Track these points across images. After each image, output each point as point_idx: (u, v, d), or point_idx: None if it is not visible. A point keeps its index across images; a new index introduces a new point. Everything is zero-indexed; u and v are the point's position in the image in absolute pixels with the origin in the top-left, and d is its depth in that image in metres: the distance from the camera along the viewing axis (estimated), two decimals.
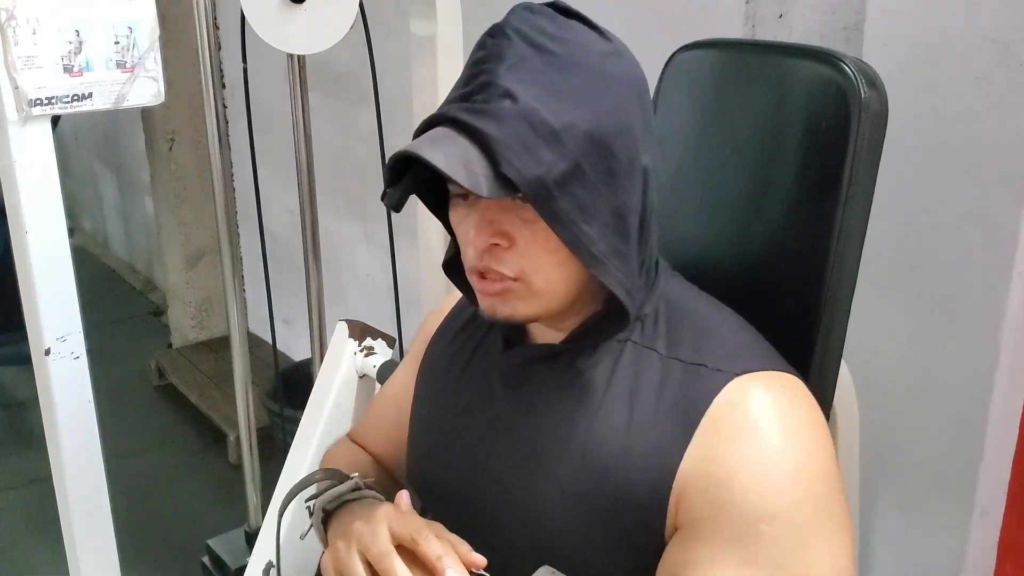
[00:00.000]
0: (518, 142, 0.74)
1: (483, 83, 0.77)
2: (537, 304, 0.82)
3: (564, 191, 0.75)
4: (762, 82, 0.97)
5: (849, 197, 0.89)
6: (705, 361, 0.81)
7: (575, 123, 0.75)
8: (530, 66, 0.76)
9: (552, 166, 0.74)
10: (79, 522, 1.32)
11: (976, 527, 1.34)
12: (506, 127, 0.74)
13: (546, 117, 0.74)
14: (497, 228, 0.80)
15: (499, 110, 0.75)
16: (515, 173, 0.73)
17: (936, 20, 1.25)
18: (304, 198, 1.86)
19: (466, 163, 0.73)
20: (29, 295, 1.23)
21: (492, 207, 0.79)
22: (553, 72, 0.76)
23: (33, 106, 1.16)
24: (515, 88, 0.75)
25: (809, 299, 0.92)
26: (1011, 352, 1.26)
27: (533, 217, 0.77)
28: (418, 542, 0.74)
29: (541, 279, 0.81)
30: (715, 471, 0.75)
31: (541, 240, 0.79)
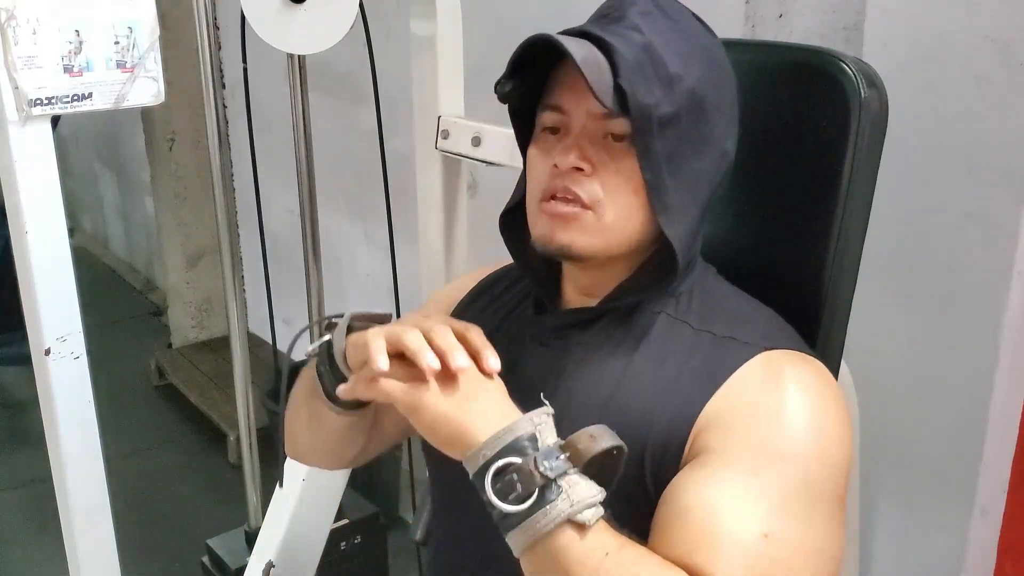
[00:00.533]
0: (638, 67, 0.78)
1: (616, 16, 0.82)
2: (597, 240, 0.83)
3: (662, 132, 0.79)
4: (762, 82, 0.97)
5: (849, 197, 0.89)
6: (736, 335, 0.83)
7: (685, 76, 0.80)
8: (656, 19, 0.82)
9: (660, 103, 0.79)
10: (79, 522, 1.32)
11: (976, 527, 1.34)
12: (632, 51, 0.79)
13: (664, 58, 0.79)
14: (584, 154, 0.82)
15: (629, 36, 0.80)
16: (631, 90, 0.77)
17: (936, 20, 1.25)
18: (304, 198, 1.86)
19: (596, 65, 0.77)
20: (29, 295, 1.23)
21: (584, 137, 0.83)
22: (674, 32, 0.82)
23: (33, 106, 1.16)
24: (644, 27, 0.80)
25: (809, 299, 0.92)
26: (1011, 352, 1.26)
27: (622, 154, 0.81)
28: (469, 331, 0.77)
29: (612, 214, 0.82)
30: (738, 412, 0.77)
31: (624, 177, 0.82)
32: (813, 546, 0.73)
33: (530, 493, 0.68)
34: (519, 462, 0.69)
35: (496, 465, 0.70)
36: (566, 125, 0.84)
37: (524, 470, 0.69)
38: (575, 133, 0.83)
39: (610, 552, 0.68)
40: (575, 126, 0.83)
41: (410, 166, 1.57)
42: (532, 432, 0.71)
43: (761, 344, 0.82)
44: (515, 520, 0.69)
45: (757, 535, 0.71)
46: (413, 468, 2.02)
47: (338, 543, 1.91)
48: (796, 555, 0.72)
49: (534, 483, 0.68)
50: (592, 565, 0.68)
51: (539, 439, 0.70)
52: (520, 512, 0.68)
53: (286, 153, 1.89)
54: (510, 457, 0.70)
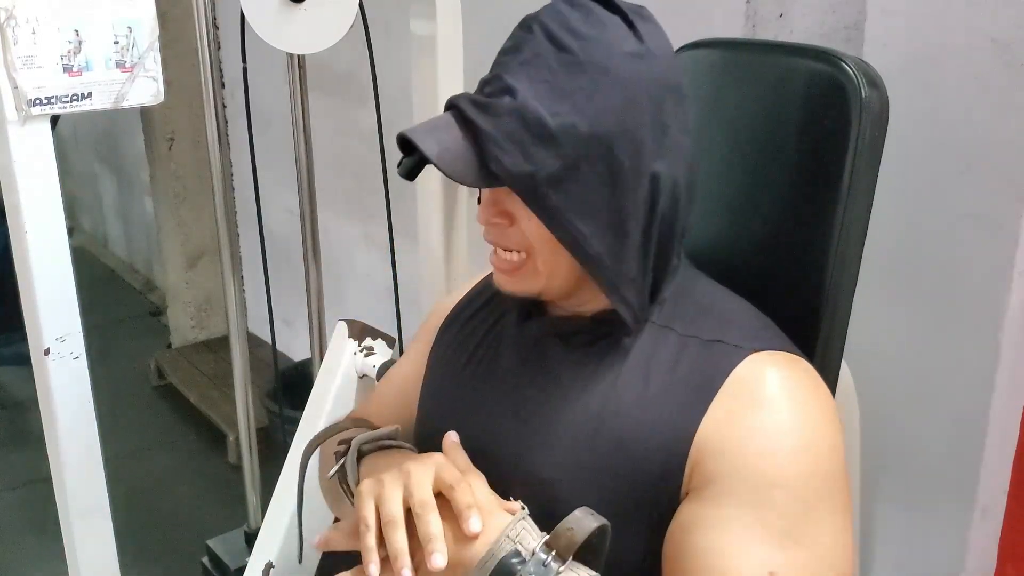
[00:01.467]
0: (508, 139, 0.77)
1: (495, 75, 0.81)
2: (541, 283, 0.85)
3: (557, 188, 0.78)
4: (762, 82, 0.97)
5: (850, 197, 0.89)
6: (723, 338, 0.82)
7: (575, 124, 0.77)
8: (543, 63, 0.78)
9: (543, 164, 0.77)
10: (79, 522, 1.31)
11: (976, 527, 1.34)
12: (499, 123, 0.77)
13: (542, 116, 0.77)
14: (500, 207, 0.84)
15: (497, 105, 0.78)
16: (500, 168, 0.77)
17: (936, 20, 1.25)
18: (304, 198, 1.86)
19: (455, 153, 0.77)
20: (29, 295, 1.23)
21: (500, 189, 0.82)
22: (563, 71, 0.78)
23: (32, 106, 1.16)
24: (519, 84, 0.78)
25: (809, 299, 0.92)
26: (1011, 352, 1.26)
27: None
28: (455, 490, 0.77)
29: (541, 261, 0.84)
30: (730, 437, 0.77)
31: (537, 224, 0.81)
32: (819, 566, 0.74)
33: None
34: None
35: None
36: None
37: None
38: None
39: None
40: None
41: None
42: (514, 548, 0.73)
43: (749, 345, 0.81)
44: None
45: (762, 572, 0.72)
46: None
47: None
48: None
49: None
50: None
51: (522, 551, 0.73)
52: None
53: (286, 153, 1.89)
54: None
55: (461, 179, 0.77)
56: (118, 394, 3.17)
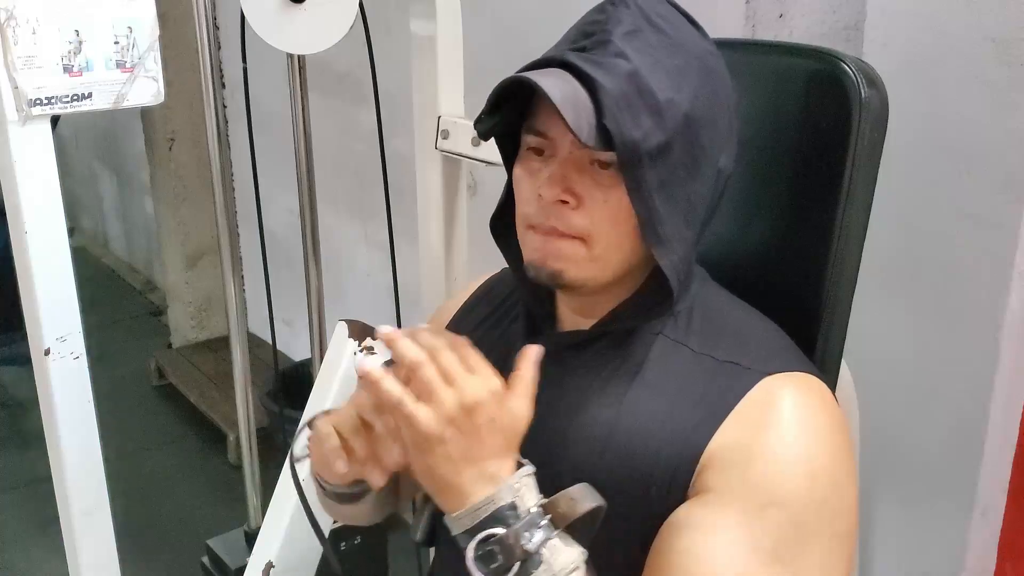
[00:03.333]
0: (624, 100, 0.75)
1: (599, 40, 0.78)
2: (587, 271, 0.82)
3: (653, 163, 0.76)
4: (762, 82, 0.97)
5: (849, 197, 0.89)
6: (738, 360, 0.81)
7: (677, 101, 0.77)
8: (644, 37, 0.78)
9: (649, 135, 0.76)
10: (79, 522, 1.31)
11: (976, 527, 1.34)
12: (617, 83, 0.75)
13: (653, 87, 0.76)
14: (570, 186, 0.79)
15: (614, 66, 0.76)
16: (616, 128, 0.74)
17: (936, 20, 1.25)
18: (304, 198, 1.86)
19: (575, 104, 0.74)
20: (29, 295, 1.23)
21: (570, 165, 0.79)
22: (663, 49, 0.78)
23: (33, 106, 1.16)
24: (629, 52, 0.77)
25: (809, 299, 0.92)
26: (1011, 352, 1.26)
27: (610, 183, 0.78)
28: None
29: (602, 246, 0.80)
30: (735, 455, 0.76)
31: (612, 208, 0.79)
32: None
33: (511, 565, 0.70)
34: (501, 533, 0.71)
35: (478, 536, 0.71)
36: (551, 148, 0.81)
37: (506, 543, 0.70)
38: (560, 159, 0.80)
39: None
40: (560, 152, 0.80)
41: (410, 166, 1.57)
42: (512, 501, 0.72)
43: (763, 369, 0.80)
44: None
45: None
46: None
47: (338, 543, 1.91)
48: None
49: (515, 556, 0.70)
50: None
51: (519, 506, 0.72)
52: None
53: (286, 153, 1.89)
54: (492, 528, 0.71)
55: (578, 131, 0.73)
56: (118, 394, 3.18)
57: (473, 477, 0.73)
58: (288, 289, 2.70)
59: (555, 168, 0.80)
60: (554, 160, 0.80)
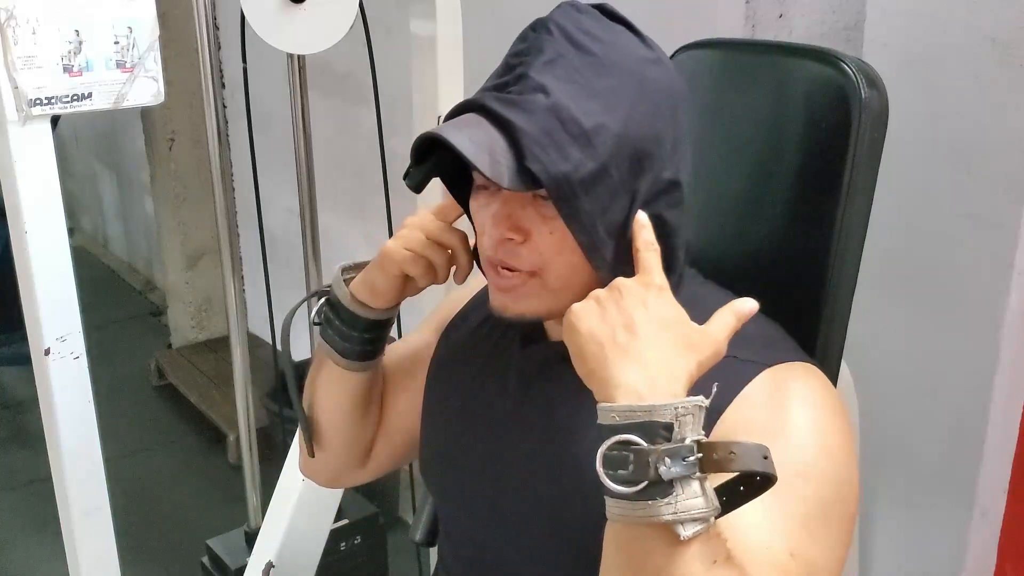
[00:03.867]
0: (546, 137, 0.74)
1: (518, 75, 0.77)
2: (549, 302, 0.82)
3: (588, 192, 0.75)
4: (762, 82, 0.97)
5: (849, 197, 0.89)
6: (736, 353, 0.80)
7: (606, 125, 0.75)
8: (567, 63, 0.76)
9: (579, 165, 0.74)
10: (79, 522, 1.31)
11: (976, 527, 1.34)
12: (536, 120, 0.74)
13: (577, 115, 0.75)
14: (514, 222, 0.79)
15: (531, 103, 0.75)
16: (539, 167, 0.73)
17: (936, 20, 1.25)
18: (304, 198, 1.86)
19: (491, 152, 0.73)
20: (29, 295, 1.23)
21: (512, 200, 0.79)
22: (590, 71, 0.76)
23: (33, 106, 1.16)
24: (549, 83, 0.75)
25: (809, 299, 0.92)
26: (1011, 352, 1.26)
27: (553, 214, 0.78)
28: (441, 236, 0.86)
29: (555, 277, 0.80)
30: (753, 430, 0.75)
31: (558, 239, 0.78)
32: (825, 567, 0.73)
33: (638, 481, 0.64)
34: (642, 447, 0.64)
35: (618, 437, 0.65)
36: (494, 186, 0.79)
37: (642, 458, 0.64)
38: (503, 197, 0.79)
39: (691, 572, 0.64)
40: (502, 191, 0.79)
41: None
42: (670, 422, 0.65)
43: (763, 362, 0.80)
44: (613, 493, 0.65)
45: (785, 553, 0.70)
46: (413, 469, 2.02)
47: (338, 543, 1.91)
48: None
49: (646, 475, 0.63)
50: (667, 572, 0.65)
51: (676, 431, 0.65)
52: (620, 492, 0.64)
53: (286, 153, 1.89)
54: (635, 435, 0.64)
55: (498, 179, 0.73)
56: (118, 394, 3.17)
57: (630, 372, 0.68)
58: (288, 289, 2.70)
59: (498, 206, 0.80)
60: (498, 196, 0.80)
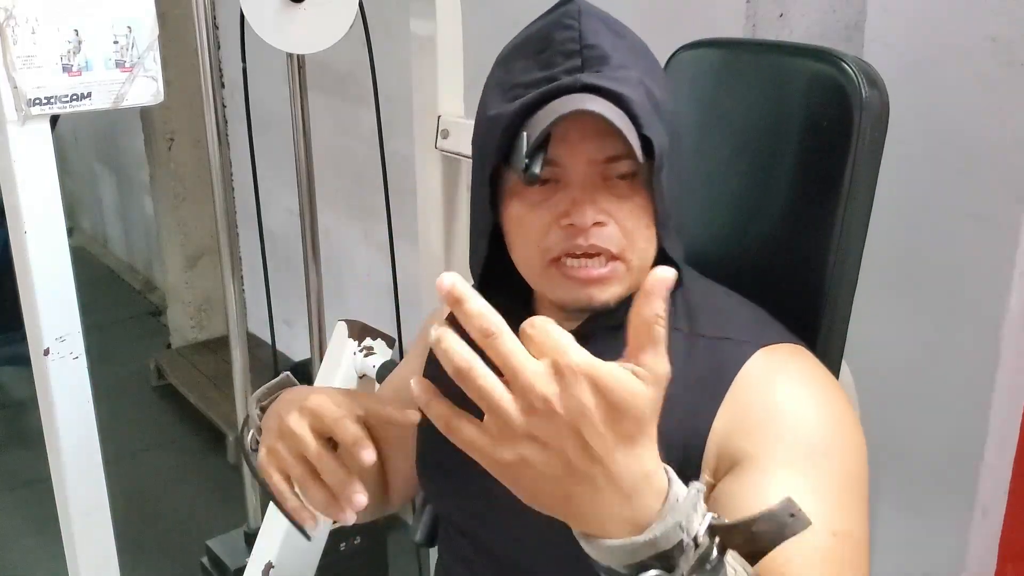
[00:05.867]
0: (646, 109, 0.76)
1: (597, 56, 0.77)
2: (630, 284, 0.81)
3: (668, 165, 0.78)
4: (762, 82, 0.97)
5: (850, 197, 0.89)
6: (730, 335, 0.82)
7: (665, 100, 0.79)
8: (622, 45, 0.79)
9: (664, 136, 0.77)
10: (79, 522, 1.31)
11: (976, 527, 1.34)
12: (639, 93, 0.76)
13: (653, 89, 0.77)
14: (599, 205, 0.78)
15: (627, 78, 0.76)
16: (654, 135, 0.75)
17: (936, 20, 1.25)
18: (304, 198, 1.86)
19: (622, 123, 0.74)
20: (28, 295, 1.23)
21: (588, 186, 0.78)
22: (634, 53, 0.79)
23: (32, 105, 1.16)
24: (628, 62, 0.77)
25: (810, 299, 0.92)
26: (1012, 352, 1.26)
27: (626, 194, 0.79)
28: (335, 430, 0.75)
29: (637, 256, 0.80)
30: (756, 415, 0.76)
31: (636, 216, 0.79)
32: (863, 538, 0.73)
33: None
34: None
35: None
36: (562, 177, 0.79)
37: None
38: (578, 184, 0.78)
39: None
40: (574, 177, 0.78)
41: (410, 166, 1.57)
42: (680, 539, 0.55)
43: (758, 341, 0.81)
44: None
45: (827, 534, 0.69)
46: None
47: (338, 543, 1.91)
48: (857, 550, 0.71)
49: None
50: None
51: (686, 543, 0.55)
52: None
53: (286, 153, 1.89)
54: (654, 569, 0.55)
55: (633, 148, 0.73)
56: (118, 394, 3.18)
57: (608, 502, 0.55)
58: (288, 289, 2.70)
59: (577, 193, 0.78)
60: (568, 187, 0.79)
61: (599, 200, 0.78)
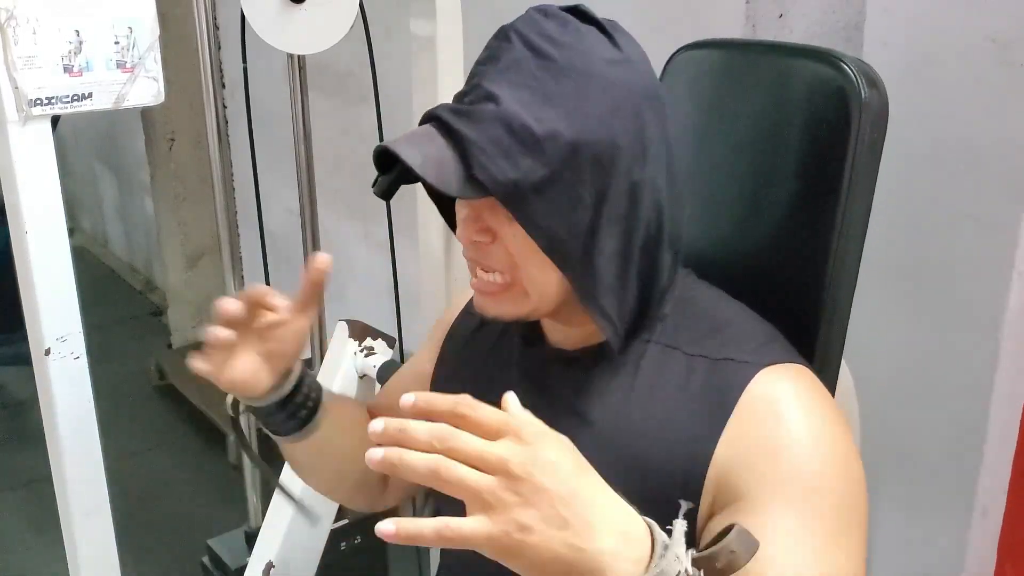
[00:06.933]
0: (494, 145, 0.75)
1: (474, 84, 0.79)
2: (526, 305, 0.83)
3: (541, 196, 0.76)
4: (762, 82, 0.97)
5: (849, 197, 0.89)
6: (732, 355, 0.81)
7: (559, 131, 0.76)
8: (523, 69, 0.77)
9: (530, 171, 0.75)
10: (79, 522, 1.31)
11: (976, 527, 1.34)
12: (483, 130, 0.75)
13: (528, 122, 0.75)
14: (482, 224, 0.81)
15: (480, 113, 0.76)
16: (485, 176, 0.75)
17: (936, 20, 1.25)
18: (304, 198, 1.86)
19: (439, 163, 0.75)
20: (29, 295, 1.23)
21: (480, 204, 0.80)
22: (547, 77, 0.77)
23: (33, 106, 1.16)
24: (501, 92, 0.76)
25: (809, 299, 0.92)
26: (1011, 352, 1.26)
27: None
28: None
29: (526, 279, 0.81)
30: (758, 450, 0.76)
31: (522, 239, 0.79)
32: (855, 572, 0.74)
33: None
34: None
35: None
36: None
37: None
38: (470, 202, 0.81)
39: None
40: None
41: None
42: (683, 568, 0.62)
43: (759, 361, 0.80)
44: None
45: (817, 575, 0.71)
46: None
47: (338, 543, 1.91)
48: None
49: None
50: None
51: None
52: None
53: (286, 153, 1.89)
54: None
55: (446, 188, 0.75)
56: (118, 394, 3.18)
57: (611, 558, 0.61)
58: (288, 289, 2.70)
59: (467, 210, 0.82)
60: (468, 202, 0.82)
61: (487, 219, 0.81)
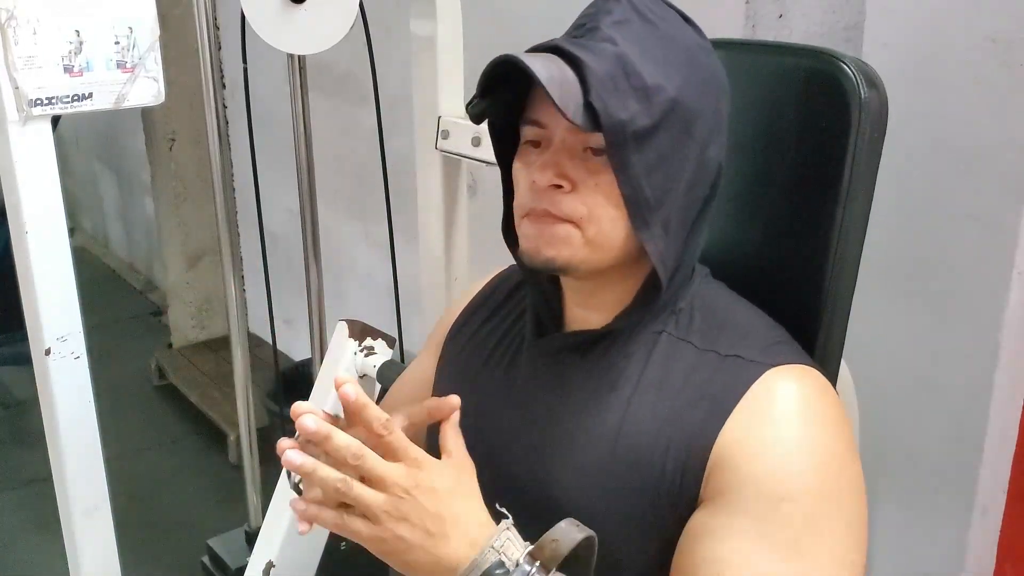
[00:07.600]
0: (611, 81, 0.76)
1: (589, 28, 0.80)
2: (582, 253, 0.82)
3: (640, 146, 0.77)
4: (762, 83, 0.97)
5: (849, 197, 0.89)
6: (741, 353, 0.82)
7: (664, 86, 0.78)
8: (633, 27, 0.79)
9: (636, 117, 0.76)
10: (79, 522, 1.32)
11: (976, 527, 1.34)
12: (603, 64, 0.77)
13: (640, 69, 0.77)
14: (563, 171, 0.80)
15: (600, 49, 0.77)
16: (601, 106, 0.75)
17: (936, 20, 1.25)
18: (304, 198, 1.86)
19: (562, 83, 0.75)
20: (29, 295, 1.23)
21: (563, 152, 0.80)
22: (652, 39, 0.79)
23: (33, 106, 1.16)
24: (617, 38, 0.78)
25: (809, 298, 0.92)
26: (1011, 351, 1.26)
27: (600, 168, 0.79)
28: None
29: (594, 230, 0.81)
30: (744, 450, 0.77)
31: (603, 192, 0.79)
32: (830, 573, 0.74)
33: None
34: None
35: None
36: (546, 139, 0.82)
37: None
38: (554, 148, 0.81)
39: None
40: (555, 140, 0.81)
41: (410, 166, 1.57)
42: (498, 559, 0.72)
43: (766, 362, 0.81)
44: None
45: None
46: None
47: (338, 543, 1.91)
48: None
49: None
50: None
51: (506, 562, 0.72)
52: None
53: (286, 153, 1.89)
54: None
55: (565, 108, 0.74)
56: (119, 394, 3.18)
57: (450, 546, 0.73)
58: (288, 289, 2.70)
59: (548, 155, 0.81)
60: (548, 151, 0.82)
61: (567, 167, 0.80)
